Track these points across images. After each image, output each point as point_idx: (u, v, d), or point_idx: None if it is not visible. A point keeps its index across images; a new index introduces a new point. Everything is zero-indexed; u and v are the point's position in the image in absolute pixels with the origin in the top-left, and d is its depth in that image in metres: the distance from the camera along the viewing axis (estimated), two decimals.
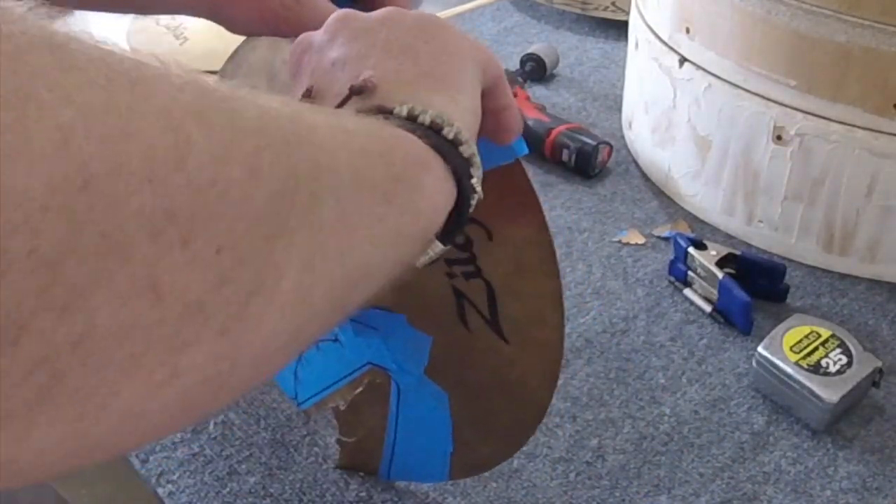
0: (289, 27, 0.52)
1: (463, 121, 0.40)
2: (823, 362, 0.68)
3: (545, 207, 0.89)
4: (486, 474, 0.65)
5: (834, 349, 0.69)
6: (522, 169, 0.47)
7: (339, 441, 0.65)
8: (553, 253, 0.49)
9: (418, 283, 0.52)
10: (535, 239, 0.49)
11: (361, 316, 0.56)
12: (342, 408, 0.63)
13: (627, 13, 1.00)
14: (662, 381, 0.72)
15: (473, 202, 0.40)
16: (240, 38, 0.58)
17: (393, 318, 0.55)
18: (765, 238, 0.85)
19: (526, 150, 0.47)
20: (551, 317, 0.51)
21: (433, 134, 0.38)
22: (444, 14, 1.28)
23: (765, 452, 0.67)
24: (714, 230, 0.87)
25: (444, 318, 0.53)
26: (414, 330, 0.55)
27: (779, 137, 0.78)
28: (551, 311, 0.50)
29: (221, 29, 0.58)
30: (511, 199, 0.47)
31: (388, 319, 0.55)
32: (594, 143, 0.94)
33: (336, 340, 0.60)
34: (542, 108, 1.00)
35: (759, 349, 0.70)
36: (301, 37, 0.45)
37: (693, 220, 0.89)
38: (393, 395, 0.60)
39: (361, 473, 0.65)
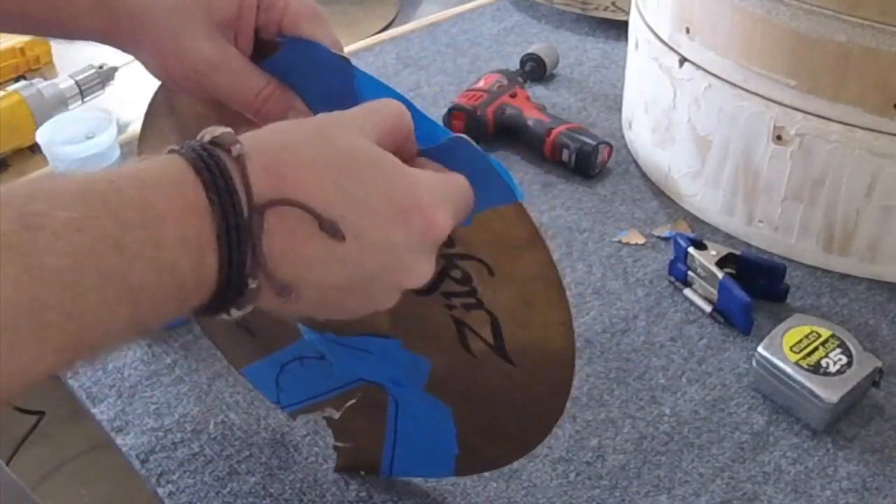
0: (203, 92, 0.50)
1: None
2: (823, 362, 0.68)
3: (545, 207, 0.90)
4: (487, 474, 0.65)
5: (834, 349, 0.69)
6: (524, 210, 0.46)
7: (335, 447, 0.65)
8: (560, 286, 0.48)
9: (414, 312, 0.51)
10: (541, 275, 0.48)
11: (351, 341, 0.56)
12: (335, 417, 0.63)
13: (627, 13, 1.00)
14: (662, 381, 0.72)
15: (239, 312, 0.37)
16: None
17: (388, 344, 0.54)
18: (765, 238, 0.85)
19: (524, 197, 0.46)
20: (560, 341, 0.50)
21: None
22: (444, 14, 1.28)
23: (765, 452, 0.67)
24: (714, 230, 0.87)
25: (444, 345, 0.53)
26: (411, 354, 0.54)
27: (779, 137, 0.78)
28: (560, 336, 0.50)
29: None
30: (512, 239, 0.47)
31: (382, 345, 0.55)
32: (594, 143, 0.94)
33: (322, 358, 0.59)
34: (542, 108, 1.00)
35: (759, 349, 0.70)
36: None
37: (693, 220, 0.89)
38: (390, 405, 0.60)
39: (362, 473, 0.65)
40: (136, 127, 1.13)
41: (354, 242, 0.37)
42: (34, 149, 1.15)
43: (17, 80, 1.25)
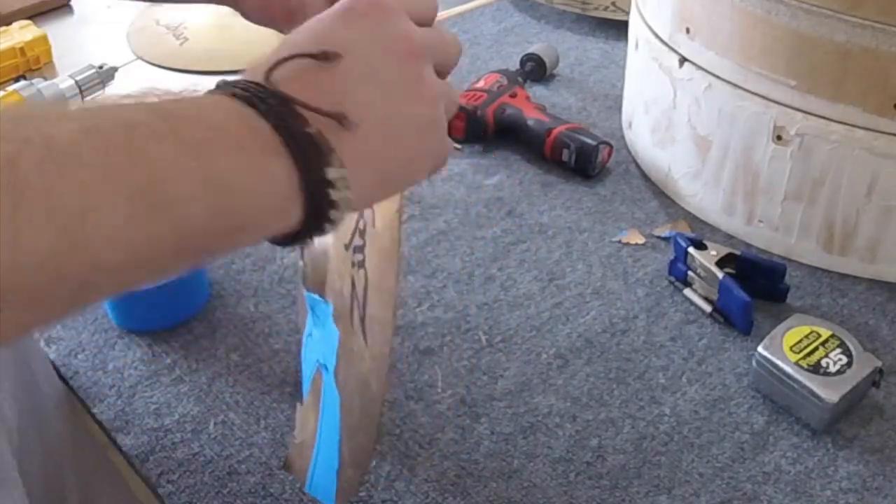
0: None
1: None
2: (823, 362, 0.68)
3: (545, 207, 0.90)
4: (487, 474, 0.65)
5: (834, 349, 0.69)
6: None
7: (291, 440, 0.65)
8: (396, 247, 0.47)
9: (333, 269, 0.51)
10: (392, 225, 0.47)
11: (311, 298, 0.56)
12: (300, 404, 0.63)
13: (627, 13, 1.00)
14: (662, 381, 0.72)
15: (326, 230, 0.40)
16: (237, 40, 0.58)
17: (326, 310, 0.54)
18: (765, 238, 0.85)
19: None
20: (384, 315, 0.49)
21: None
22: (444, 14, 1.28)
23: (765, 452, 0.67)
24: (714, 230, 0.87)
25: (343, 312, 0.52)
26: (333, 325, 0.54)
27: (779, 137, 0.78)
28: (387, 312, 0.49)
29: (221, 29, 0.58)
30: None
31: (324, 311, 0.55)
32: (594, 143, 0.94)
33: (311, 335, 0.60)
34: (542, 108, 1.01)
35: (759, 349, 0.70)
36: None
37: (693, 220, 0.89)
38: (322, 396, 0.59)
39: (296, 481, 0.64)
40: None
41: (348, 54, 0.41)
42: None
43: (17, 80, 1.25)
